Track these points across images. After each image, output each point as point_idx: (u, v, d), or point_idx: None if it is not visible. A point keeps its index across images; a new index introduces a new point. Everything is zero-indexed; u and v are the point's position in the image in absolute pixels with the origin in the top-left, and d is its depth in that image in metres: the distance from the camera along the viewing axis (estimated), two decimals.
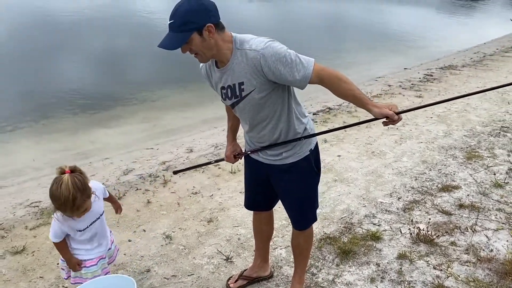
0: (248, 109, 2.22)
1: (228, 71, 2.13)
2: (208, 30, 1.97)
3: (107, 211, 3.81)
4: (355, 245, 3.26)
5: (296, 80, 2.06)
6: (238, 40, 2.09)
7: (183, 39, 1.96)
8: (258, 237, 2.90)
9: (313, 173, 2.44)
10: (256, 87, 2.11)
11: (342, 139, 5.52)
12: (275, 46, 2.03)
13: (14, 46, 9.61)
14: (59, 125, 6.03)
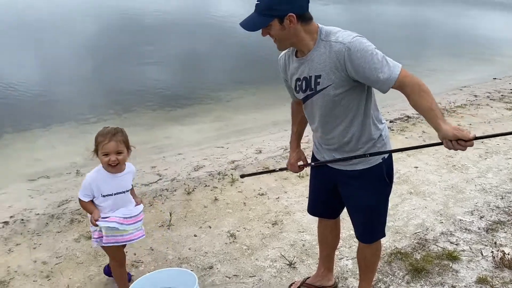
0: (320, 105, 2.12)
1: (306, 61, 2.06)
2: (289, 19, 1.94)
3: (178, 206, 3.92)
4: (428, 263, 3.03)
5: (379, 81, 1.94)
6: (324, 31, 2.03)
7: (263, 23, 1.97)
8: (323, 246, 2.78)
9: (384, 183, 2.28)
10: (334, 82, 2.01)
11: (420, 150, 5.19)
12: (363, 41, 1.94)
13: (102, 44, 10.29)
14: (138, 119, 6.32)
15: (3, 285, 2.88)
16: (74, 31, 11.19)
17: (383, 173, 2.25)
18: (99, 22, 12.36)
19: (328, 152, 2.31)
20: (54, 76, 8.07)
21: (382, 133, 2.24)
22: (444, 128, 1.90)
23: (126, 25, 12.12)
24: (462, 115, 6.49)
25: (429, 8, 21.59)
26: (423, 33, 14.97)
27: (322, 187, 2.49)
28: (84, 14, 13.54)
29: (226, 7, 16.79)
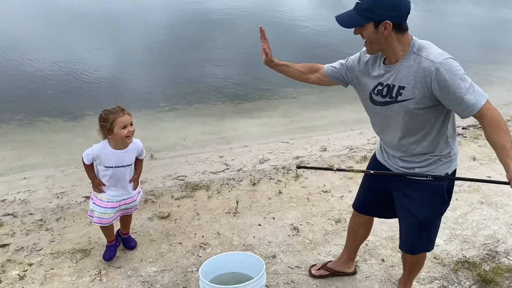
0: (397, 114, 2.13)
1: (393, 70, 2.08)
2: (385, 26, 1.96)
3: (244, 195, 4.07)
4: (498, 276, 2.93)
5: (462, 107, 1.96)
6: (417, 45, 2.04)
7: (358, 22, 2.00)
8: (350, 237, 2.86)
9: (441, 199, 2.26)
10: (416, 97, 2.03)
11: (494, 159, 4.95)
12: (454, 65, 1.95)
13: (175, 40, 10.71)
14: (208, 110, 6.57)
15: (85, 253, 3.17)
16: (150, 27, 11.75)
17: (444, 190, 2.24)
18: (174, 18, 12.87)
19: (393, 158, 2.32)
20: (132, 68, 8.56)
21: (451, 151, 2.22)
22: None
23: (196, 20, 12.52)
24: None
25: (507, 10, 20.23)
26: (498, 37, 14.08)
27: (376, 188, 2.51)
28: (160, 9, 14.15)
29: (295, 5, 16.80)
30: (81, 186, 4.28)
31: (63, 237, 3.37)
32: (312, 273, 2.95)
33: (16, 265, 3.03)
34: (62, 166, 4.83)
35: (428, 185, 2.21)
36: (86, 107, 6.44)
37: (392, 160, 2.32)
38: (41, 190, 4.23)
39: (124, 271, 3.00)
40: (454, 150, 2.24)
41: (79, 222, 3.60)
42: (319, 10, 16.26)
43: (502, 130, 1.94)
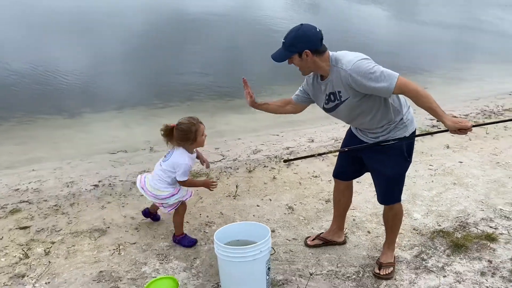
0: (349, 109, 2.69)
1: (329, 82, 2.66)
2: (306, 54, 2.56)
3: (242, 181, 4.40)
4: (468, 241, 3.38)
5: (380, 91, 2.52)
6: (334, 58, 2.62)
7: (286, 56, 2.61)
8: (336, 206, 3.35)
9: (402, 158, 2.81)
10: (350, 95, 2.61)
11: (466, 147, 5.47)
12: (361, 65, 2.51)
13: (166, 41, 10.98)
14: (200, 107, 6.92)
15: (102, 231, 3.49)
16: (138, 28, 11.95)
17: (404, 150, 2.79)
18: (158, 20, 13.10)
19: (363, 132, 2.88)
20: (123, 68, 8.81)
21: (403, 117, 2.77)
22: (446, 122, 2.51)
23: (180, 22, 12.75)
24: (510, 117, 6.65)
25: (480, 12, 21.16)
26: (473, 38, 14.83)
27: (349, 156, 3.04)
28: (143, 10, 14.37)
29: (273, 6, 17.28)
30: (89, 176, 4.59)
31: (79, 220, 3.68)
32: (307, 243, 3.35)
33: (39, 243, 3.33)
34: (67, 159, 5.10)
35: (391, 148, 2.76)
36: (83, 105, 6.71)
37: (363, 132, 2.88)
38: (51, 180, 4.51)
39: (139, 245, 3.33)
40: (407, 117, 2.78)
41: (92, 206, 3.91)
42: (296, 12, 16.75)
43: (421, 95, 2.50)
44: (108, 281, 2.92)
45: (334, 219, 3.38)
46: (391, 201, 2.97)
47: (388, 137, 2.77)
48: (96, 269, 3.04)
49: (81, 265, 3.08)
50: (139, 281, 2.92)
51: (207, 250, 3.26)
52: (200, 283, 2.91)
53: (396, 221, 3.07)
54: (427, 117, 6.50)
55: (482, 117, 6.77)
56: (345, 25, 14.39)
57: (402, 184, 2.95)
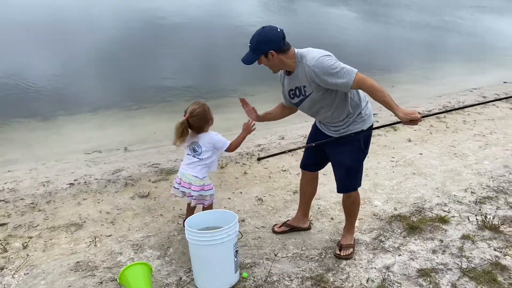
0: (313, 102, 2.94)
1: (294, 77, 2.91)
2: (271, 54, 2.80)
3: (214, 176, 4.60)
4: (422, 224, 3.66)
5: (341, 87, 2.78)
6: (299, 55, 2.87)
7: (254, 58, 2.85)
8: (302, 195, 3.60)
9: (360, 149, 3.07)
10: (314, 89, 2.86)
11: (426, 140, 5.80)
12: (323, 61, 2.76)
13: (138, 46, 11.11)
14: (174, 108, 7.05)
15: (78, 226, 3.64)
16: (112, 32, 12.03)
17: (361, 143, 3.05)
18: (134, 23, 13.21)
19: (326, 126, 3.14)
20: (99, 71, 8.89)
21: (361, 112, 3.02)
22: (399, 114, 2.76)
23: (151, 27, 12.92)
24: (469, 113, 7.06)
25: (445, 14, 21.94)
26: (439, 39, 15.42)
27: (316, 148, 3.27)
28: (119, 15, 14.44)
29: (245, 10, 17.57)
30: (64, 175, 4.70)
31: (55, 216, 3.81)
32: (275, 230, 3.58)
33: (17, 238, 3.45)
34: (42, 160, 5.20)
35: (349, 140, 3.02)
36: (57, 108, 6.79)
37: (326, 126, 3.14)
38: (27, 180, 4.61)
39: (114, 237, 3.49)
40: (365, 112, 3.03)
41: (68, 203, 4.04)
42: (267, 15, 17.07)
43: (376, 90, 2.74)
44: (85, 270, 3.07)
45: (300, 207, 3.62)
46: (348, 190, 3.21)
47: (348, 130, 3.01)
48: (73, 260, 3.18)
49: (59, 256, 3.22)
50: (114, 270, 3.07)
51: (180, 240, 3.45)
52: (173, 269, 3.09)
53: (354, 207, 3.31)
54: (391, 113, 6.85)
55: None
56: (316, 27, 14.75)
57: (359, 173, 3.19)
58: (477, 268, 3.07)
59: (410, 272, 3.06)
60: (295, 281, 2.95)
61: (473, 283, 2.93)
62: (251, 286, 2.90)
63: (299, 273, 3.03)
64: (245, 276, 2.99)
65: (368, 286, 2.91)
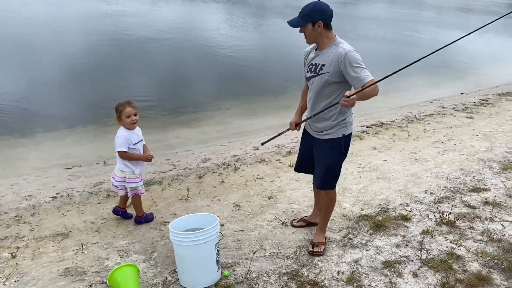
0: (317, 84, 3.25)
1: (321, 54, 3.22)
2: (318, 25, 3.10)
3: (193, 186, 4.83)
4: (387, 222, 4.01)
5: (356, 81, 3.05)
6: (338, 40, 3.19)
7: (302, 23, 3.13)
8: (316, 193, 3.89)
9: (340, 152, 3.39)
10: (330, 71, 3.15)
11: (390, 148, 6.22)
12: (356, 55, 3.09)
13: (112, 61, 11.28)
14: (149, 123, 7.24)
15: (64, 235, 3.79)
16: (84, 50, 12.13)
17: (341, 145, 3.37)
18: (106, 40, 13.35)
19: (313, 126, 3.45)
20: (73, 88, 8.96)
21: (346, 118, 3.34)
22: None
23: (131, 44, 13.12)
24: (429, 122, 7.57)
25: (405, 27, 23.01)
26: (400, 51, 16.22)
27: (306, 150, 3.59)
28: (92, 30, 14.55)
29: (213, 24, 17.99)
30: (46, 189, 4.83)
31: (41, 227, 3.95)
32: (293, 224, 3.96)
33: (5, 249, 3.58)
34: (23, 175, 5.30)
35: (331, 142, 3.34)
36: (33, 125, 6.87)
37: (312, 127, 3.45)
38: (9, 195, 4.72)
39: (101, 245, 3.67)
40: (349, 119, 3.35)
41: (52, 215, 4.19)
42: (236, 31, 17.52)
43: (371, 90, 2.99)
44: (74, 275, 3.24)
45: (316, 203, 3.96)
46: (327, 187, 3.49)
47: (331, 132, 3.32)
48: (61, 266, 3.35)
49: (47, 264, 3.38)
50: (102, 273, 3.26)
51: (163, 245, 3.66)
52: (158, 271, 3.30)
53: (329, 205, 3.60)
54: (357, 124, 7.28)
55: (406, 122, 7.62)
56: (283, 41, 15.22)
57: (337, 174, 3.46)
58: (435, 258, 3.42)
59: (376, 264, 3.38)
60: (273, 277, 3.22)
61: (432, 271, 3.28)
62: (232, 283, 3.15)
63: (276, 269, 3.30)
64: (227, 274, 3.23)
65: (339, 278, 3.21)
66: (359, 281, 3.16)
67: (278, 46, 13.12)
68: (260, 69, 11.41)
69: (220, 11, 23.63)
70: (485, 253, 3.51)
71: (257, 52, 13.41)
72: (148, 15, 18.92)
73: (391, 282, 3.16)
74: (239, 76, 10.59)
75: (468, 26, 28.73)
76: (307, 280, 3.17)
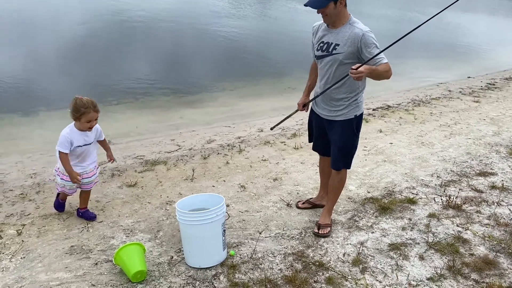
0: (330, 64, 3.16)
1: (333, 33, 3.12)
2: (340, 2, 3.01)
3: (198, 166, 4.79)
4: (393, 205, 3.99)
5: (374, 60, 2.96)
6: (353, 20, 3.10)
7: (324, 3, 2.99)
8: (322, 175, 3.86)
9: (352, 132, 3.34)
10: (345, 52, 3.06)
11: (396, 131, 6.17)
12: (373, 35, 3.02)
13: (118, 43, 11.15)
14: (155, 102, 7.24)
15: (69, 213, 3.79)
16: (88, 30, 12.00)
17: (353, 126, 3.33)
18: (112, 21, 13.20)
19: (321, 107, 3.39)
20: (78, 68, 8.89)
21: (357, 98, 3.29)
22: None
23: (138, 25, 12.94)
24: (435, 106, 7.50)
25: (415, 14, 22.67)
26: (409, 36, 15.96)
27: (318, 130, 3.56)
28: (97, 15, 14.38)
29: (212, 7, 17.76)
30: (51, 167, 4.79)
31: (46, 205, 3.95)
32: (298, 206, 3.94)
33: (11, 226, 3.58)
34: (27, 154, 5.29)
35: (343, 123, 3.29)
36: (37, 103, 6.84)
37: (321, 108, 3.39)
38: (14, 173, 4.71)
39: (106, 223, 3.66)
40: (360, 99, 3.30)
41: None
42: (241, 12, 17.29)
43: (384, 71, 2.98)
44: (79, 253, 3.24)
45: (321, 186, 3.92)
46: (340, 166, 3.45)
47: (342, 114, 3.26)
48: (67, 244, 3.35)
49: (53, 241, 3.38)
50: (108, 252, 3.26)
51: (169, 224, 3.65)
52: (164, 250, 3.30)
53: (340, 185, 3.57)
54: (364, 107, 7.21)
55: (412, 105, 7.55)
56: (289, 22, 15.05)
57: (351, 154, 3.43)
58: (442, 242, 3.41)
59: (382, 246, 3.37)
60: (278, 257, 3.21)
61: (438, 254, 3.26)
62: (238, 262, 3.14)
63: (282, 250, 3.30)
64: (232, 254, 3.23)
65: (345, 260, 3.20)
66: (365, 263, 3.15)
67: (283, 27, 12.96)
68: (265, 50, 11.30)
69: None
70: (492, 237, 3.49)
71: (262, 33, 13.26)
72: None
73: (397, 265, 3.15)
74: (244, 58, 10.49)
75: (476, 8, 28.31)
76: (312, 261, 3.17)
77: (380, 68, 2.96)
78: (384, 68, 2.98)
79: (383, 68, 2.97)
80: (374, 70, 2.94)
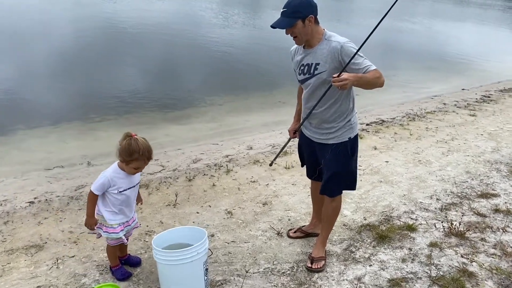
0: (314, 86, 2.89)
1: (312, 53, 2.85)
2: (309, 20, 2.74)
3: (182, 190, 4.49)
4: (391, 233, 3.70)
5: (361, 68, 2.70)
6: (328, 34, 2.85)
7: (290, 23, 2.73)
8: (314, 202, 3.58)
9: (346, 156, 3.04)
10: (327, 69, 2.79)
11: (391, 148, 5.91)
12: (351, 45, 2.74)
13: (101, 55, 10.81)
14: (139, 119, 6.91)
15: (39, 247, 3.45)
16: (70, 43, 11.67)
17: (348, 149, 3.03)
18: (93, 33, 12.88)
19: (312, 130, 3.11)
20: (58, 83, 8.52)
21: (351, 120, 3.02)
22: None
23: (122, 36, 12.65)
24: (431, 120, 7.26)
25: (405, 23, 22.66)
26: (400, 47, 15.89)
27: (309, 154, 3.29)
28: (87, 26, 14.07)
29: (204, 19, 17.56)
30: (24, 193, 4.48)
31: (14, 237, 3.60)
32: (289, 235, 3.62)
33: None
34: (0, 177, 4.94)
35: (335, 147, 3.00)
36: (15, 121, 6.48)
37: (312, 131, 3.12)
38: None
39: (78, 258, 3.33)
40: (354, 120, 3.03)
41: (27, 223, 3.84)
42: (231, 25, 17.11)
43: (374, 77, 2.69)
44: None
45: (314, 213, 3.63)
46: (332, 193, 3.15)
47: (335, 136, 2.99)
48: (33, 284, 3.01)
49: (17, 281, 3.04)
50: None
51: (147, 258, 3.33)
52: None
53: (334, 214, 3.27)
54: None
55: (407, 120, 7.31)
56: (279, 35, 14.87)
57: (346, 180, 3.12)
58: (446, 276, 3.12)
59: (381, 282, 3.07)
60: None
61: None
62: None
63: None
64: None
65: None
66: None
67: (273, 41, 12.71)
68: (255, 64, 11.04)
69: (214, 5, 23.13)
70: (500, 269, 3.21)
71: (252, 46, 13.01)
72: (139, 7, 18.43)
73: None
74: (234, 71, 10.21)
75: (463, 17, 28.47)
76: None
77: (369, 75, 2.68)
78: (374, 75, 2.70)
79: (372, 75, 2.69)
80: (361, 77, 2.66)
